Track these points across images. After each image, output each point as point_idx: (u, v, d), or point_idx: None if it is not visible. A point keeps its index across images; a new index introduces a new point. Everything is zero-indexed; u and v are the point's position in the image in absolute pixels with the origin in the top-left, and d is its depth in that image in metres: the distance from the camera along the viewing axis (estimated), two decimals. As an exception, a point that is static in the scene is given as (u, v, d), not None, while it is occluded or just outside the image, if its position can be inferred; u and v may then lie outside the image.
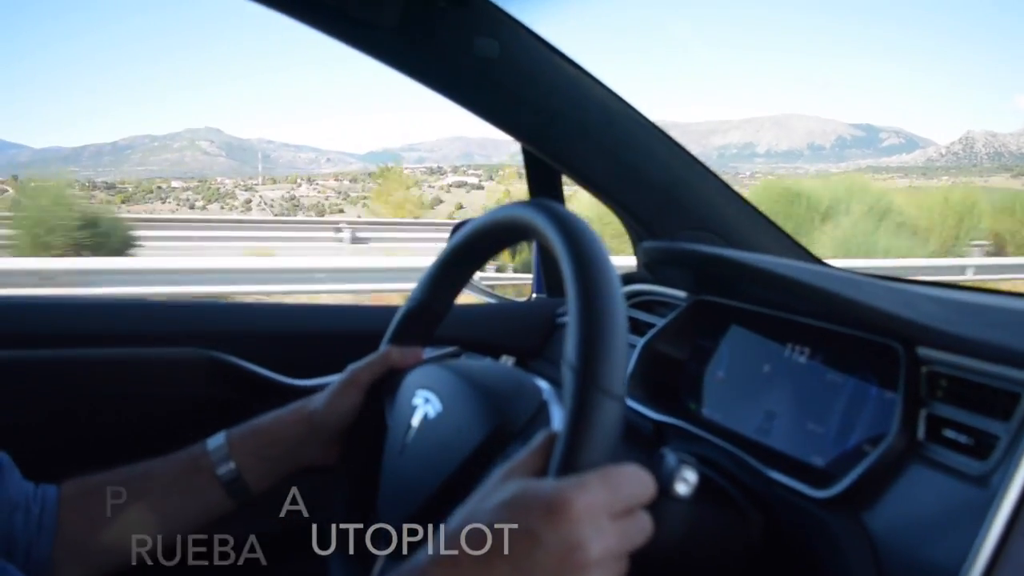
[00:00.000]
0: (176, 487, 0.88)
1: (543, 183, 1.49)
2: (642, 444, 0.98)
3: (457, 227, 1.57)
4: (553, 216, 0.68)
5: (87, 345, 1.17)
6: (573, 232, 0.65)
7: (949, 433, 0.73)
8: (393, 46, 1.15)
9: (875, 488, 0.74)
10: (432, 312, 0.92)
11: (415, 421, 0.80)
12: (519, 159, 1.46)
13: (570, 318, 0.61)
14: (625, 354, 0.59)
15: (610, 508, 0.55)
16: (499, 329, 1.45)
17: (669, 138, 1.32)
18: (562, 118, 1.26)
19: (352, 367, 0.92)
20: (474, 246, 0.87)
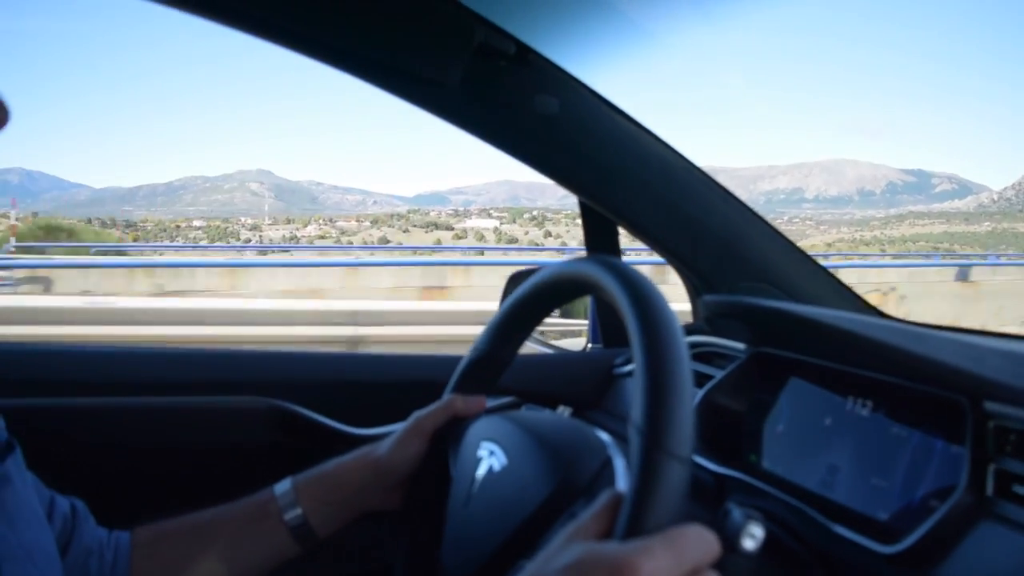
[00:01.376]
0: (244, 533, 0.90)
1: (600, 235, 1.50)
2: (704, 497, 0.98)
3: (514, 277, 1.59)
4: (619, 274, 0.70)
5: (154, 393, 1.20)
6: (639, 292, 0.66)
7: (1020, 489, 0.72)
8: (456, 104, 1.19)
9: (943, 545, 0.73)
10: (497, 361, 0.94)
11: (480, 473, 0.81)
12: (566, 203, 1.47)
13: (636, 379, 0.61)
14: (691, 417, 0.59)
15: (675, 572, 0.55)
16: (556, 379, 1.45)
17: (726, 191, 1.33)
18: (620, 173, 1.28)
19: (416, 415, 0.94)
20: (538, 298, 0.89)
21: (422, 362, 1.40)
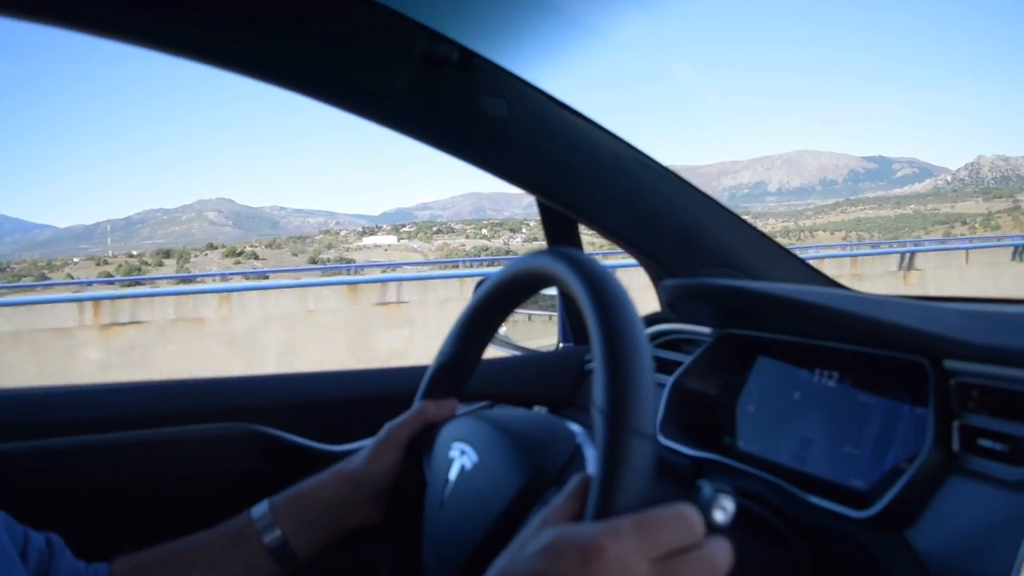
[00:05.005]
0: (223, 558, 0.89)
1: (560, 233, 1.51)
2: (682, 483, 0.98)
3: (480, 284, 1.59)
4: (571, 262, 0.70)
5: (130, 428, 1.19)
6: (591, 276, 0.67)
7: (984, 443, 0.73)
8: (403, 113, 1.19)
9: (916, 505, 0.74)
10: (463, 365, 0.94)
11: (452, 475, 0.81)
12: (532, 212, 1.48)
13: (595, 362, 0.61)
14: (653, 393, 0.60)
15: (649, 552, 0.54)
16: (529, 380, 1.46)
17: (681, 180, 1.34)
18: (574, 170, 1.28)
19: (389, 425, 0.93)
20: (498, 297, 0.89)
21: (392, 375, 1.39)
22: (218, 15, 1.02)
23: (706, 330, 1.17)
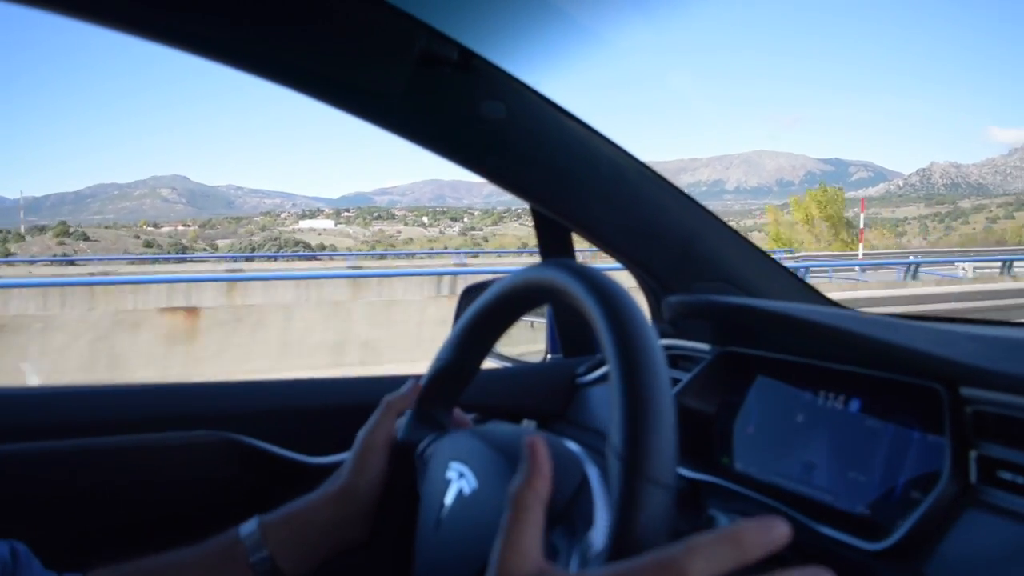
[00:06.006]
0: None
1: (554, 241, 1.48)
2: (680, 504, 0.95)
3: (468, 290, 1.56)
4: (587, 280, 0.67)
5: (103, 433, 1.14)
6: (613, 301, 0.63)
7: (1004, 475, 0.70)
8: (399, 113, 1.15)
9: (931, 537, 0.72)
10: (461, 372, 0.91)
11: (449, 498, 0.78)
12: (492, 200, 1.45)
13: (613, 400, 0.58)
14: (674, 441, 0.56)
15: None
16: (518, 393, 1.42)
17: (679, 191, 1.32)
18: (571, 177, 1.25)
19: (362, 434, 0.91)
20: (501, 306, 0.86)
21: (375, 384, 1.35)
22: (215, 8, 0.98)
23: (705, 347, 1.14)
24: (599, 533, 0.61)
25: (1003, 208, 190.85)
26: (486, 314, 0.87)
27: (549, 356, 1.60)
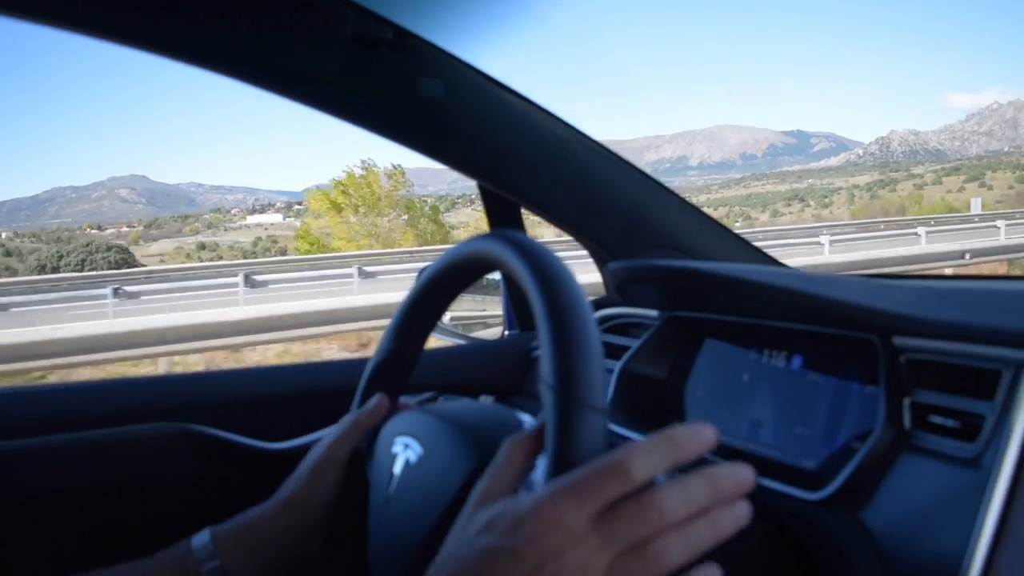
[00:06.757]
0: None
1: (502, 217, 1.48)
2: None
3: (422, 271, 1.56)
4: (512, 243, 0.68)
5: (53, 432, 1.12)
6: (534, 256, 0.65)
7: (936, 419, 0.72)
8: (337, 96, 1.14)
9: (869, 484, 0.74)
10: (402, 361, 0.90)
11: (397, 469, 0.78)
12: (457, 187, 1.45)
13: (542, 339, 0.59)
14: (602, 366, 0.58)
15: (586, 508, 0.53)
16: (475, 369, 1.43)
17: (624, 161, 1.33)
18: (514, 152, 1.25)
19: (324, 443, 0.88)
20: (438, 286, 0.86)
21: (331, 368, 1.35)
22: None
23: (653, 313, 1.16)
24: (540, 470, 0.62)
25: (933, 174, 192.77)
26: (423, 297, 0.87)
27: (506, 332, 1.61)
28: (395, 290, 11.63)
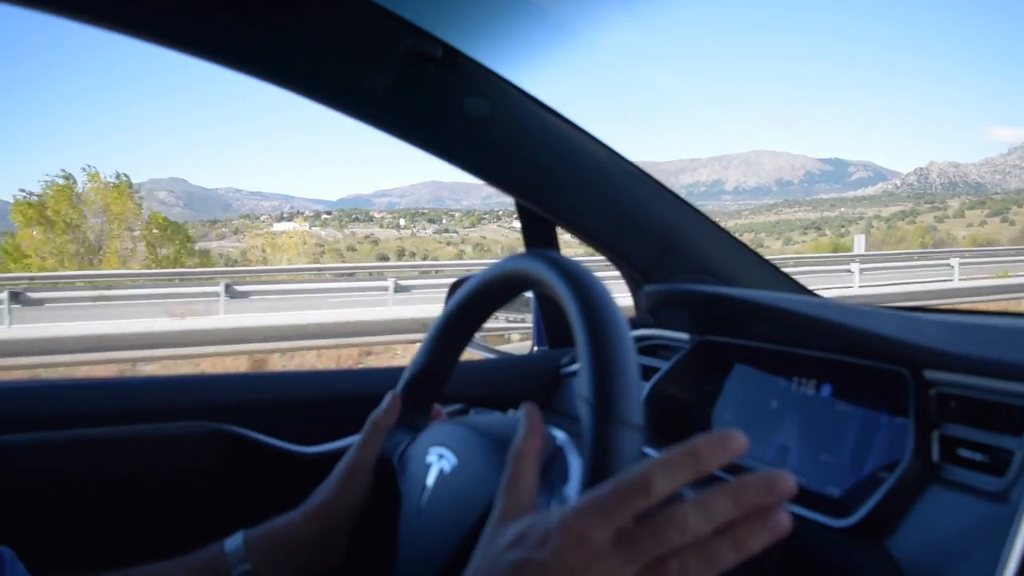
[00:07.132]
0: None
1: (538, 235, 1.50)
2: None
3: (456, 284, 1.58)
4: (554, 264, 0.70)
5: (95, 425, 1.15)
6: (573, 276, 0.67)
7: (964, 453, 0.73)
8: (385, 111, 1.17)
9: (895, 514, 0.74)
10: (436, 374, 0.92)
11: (430, 480, 0.80)
12: (490, 202, 1.47)
13: (581, 355, 0.61)
14: (639, 384, 0.60)
15: (610, 522, 0.53)
16: (504, 384, 1.44)
17: (661, 186, 1.34)
18: (555, 172, 1.28)
19: (351, 454, 0.91)
20: (475, 303, 0.88)
21: (365, 376, 1.38)
22: (204, 7, 1.01)
23: (684, 336, 1.17)
24: (574, 484, 0.64)
25: (956, 208, 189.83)
26: (460, 312, 0.89)
27: (536, 348, 1.62)
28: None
